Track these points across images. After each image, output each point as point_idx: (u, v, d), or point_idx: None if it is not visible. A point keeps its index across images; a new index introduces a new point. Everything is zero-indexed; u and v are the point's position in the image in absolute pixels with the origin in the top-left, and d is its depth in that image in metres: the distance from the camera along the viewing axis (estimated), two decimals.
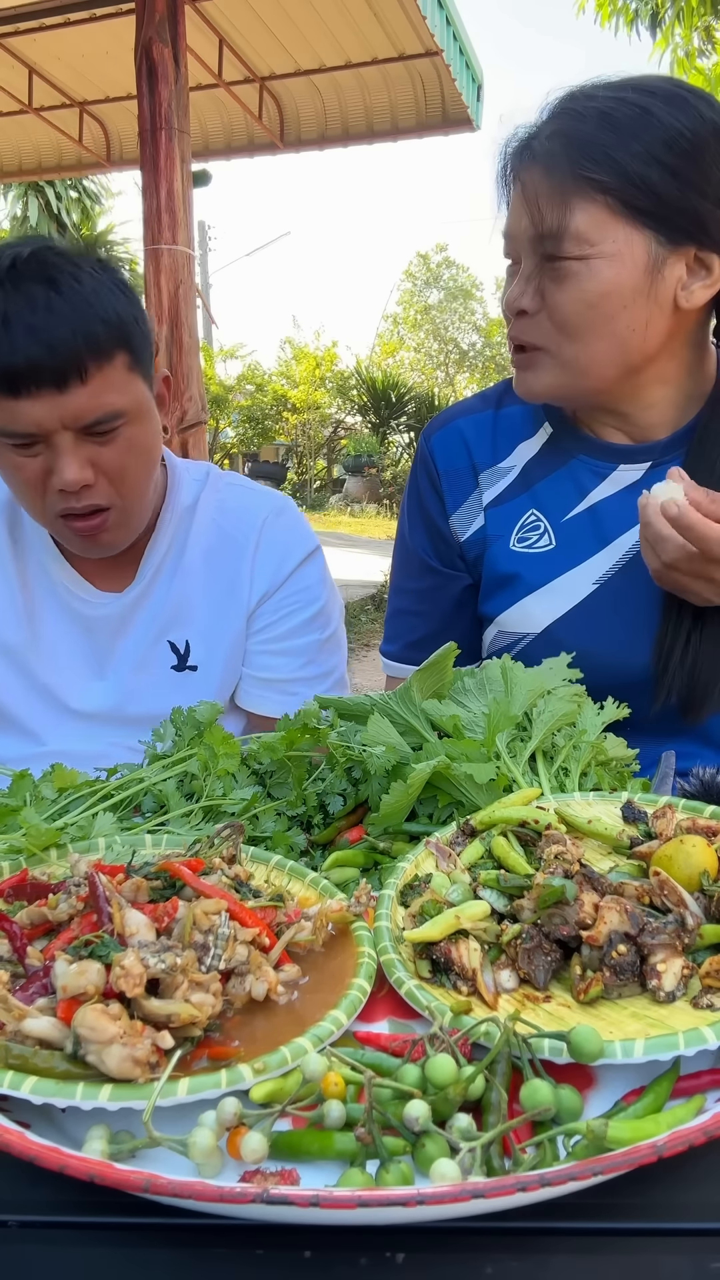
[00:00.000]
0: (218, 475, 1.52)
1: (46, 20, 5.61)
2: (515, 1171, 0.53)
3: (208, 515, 1.46)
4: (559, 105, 1.19)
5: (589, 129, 1.13)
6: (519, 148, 1.20)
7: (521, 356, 1.24)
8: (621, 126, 1.12)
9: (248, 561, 1.44)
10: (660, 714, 1.18)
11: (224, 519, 1.47)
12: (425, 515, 1.43)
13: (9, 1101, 0.60)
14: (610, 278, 1.14)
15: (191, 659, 1.44)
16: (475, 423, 1.41)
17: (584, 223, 1.13)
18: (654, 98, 1.14)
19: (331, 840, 0.96)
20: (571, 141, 1.13)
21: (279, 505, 1.50)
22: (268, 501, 1.50)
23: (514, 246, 1.22)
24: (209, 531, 1.45)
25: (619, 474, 1.30)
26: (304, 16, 5.55)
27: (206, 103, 6.40)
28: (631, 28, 7.51)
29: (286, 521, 1.49)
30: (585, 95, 1.17)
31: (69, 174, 8.23)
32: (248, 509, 1.48)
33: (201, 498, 1.47)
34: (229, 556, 1.45)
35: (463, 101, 5.99)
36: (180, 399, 4.66)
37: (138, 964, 0.60)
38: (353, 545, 13.04)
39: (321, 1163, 0.57)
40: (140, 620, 1.43)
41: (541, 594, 1.31)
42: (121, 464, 1.24)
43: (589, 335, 1.17)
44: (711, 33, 7.29)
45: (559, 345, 1.19)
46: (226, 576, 1.44)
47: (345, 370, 22.69)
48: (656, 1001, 0.65)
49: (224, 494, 1.49)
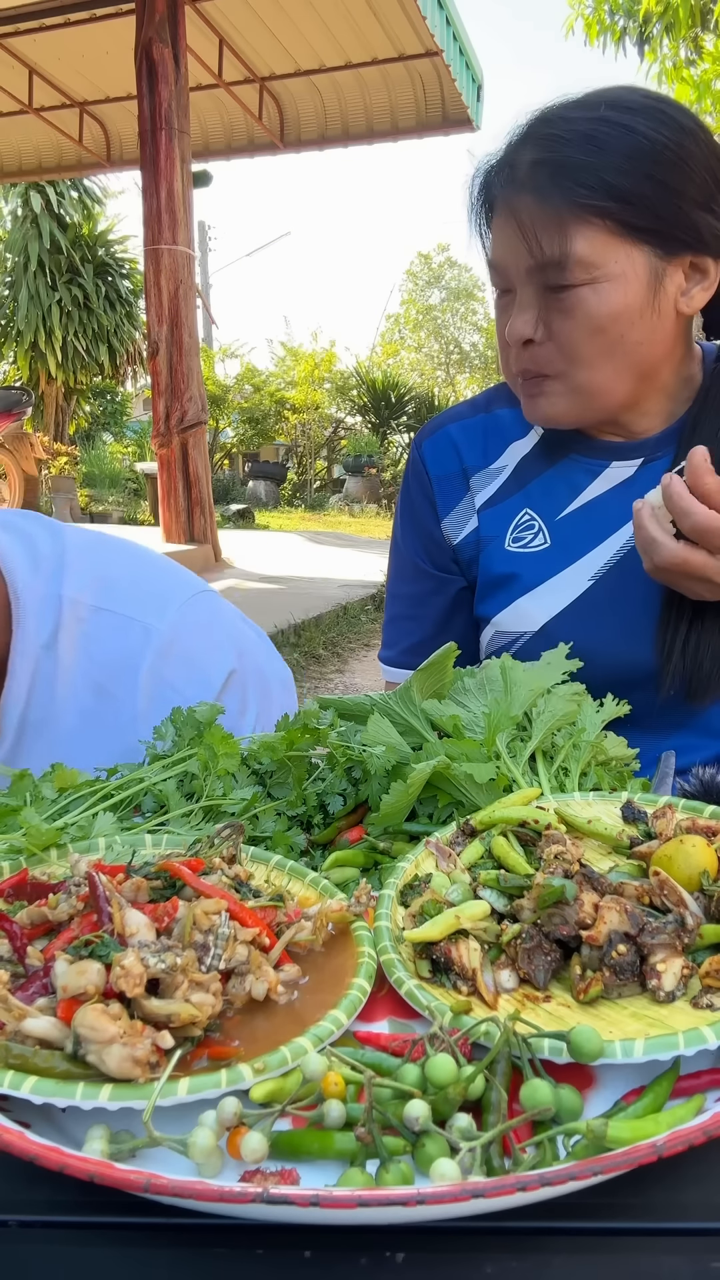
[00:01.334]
0: (73, 596, 1.12)
1: (46, 20, 5.62)
2: (515, 1171, 0.53)
3: (72, 659, 1.12)
4: (532, 130, 1.17)
5: (576, 153, 1.12)
6: (501, 177, 1.18)
7: (531, 384, 1.23)
8: (609, 147, 1.12)
9: (138, 731, 1.08)
10: (661, 706, 1.19)
11: (94, 668, 1.12)
12: (417, 521, 1.44)
13: (9, 1101, 0.60)
14: (618, 299, 1.14)
15: None
16: (465, 427, 1.42)
17: (585, 248, 1.12)
18: (634, 114, 1.13)
19: (331, 840, 0.96)
20: (561, 168, 1.12)
21: (161, 637, 1.13)
22: (144, 633, 1.12)
23: (506, 276, 1.21)
24: (80, 684, 1.12)
25: (612, 470, 1.31)
26: (304, 17, 5.56)
27: (206, 103, 6.42)
28: (619, 46, 7.55)
29: (176, 660, 1.14)
30: (560, 118, 1.16)
31: (69, 174, 8.24)
32: (120, 648, 1.12)
33: (60, 635, 1.12)
34: (109, 721, 1.12)
35: (463, 102, 6.00)
36: (180, 399, 4.66)
37: (138, 964, 0.60)
38: (353, 545, 13.04)
39: (321, 1163, 0.57)
40: None
41: (538, 593, 1.31)
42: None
43: (601, 359, 1.17)
44: (700, 42, 7.32)
45: (570, 372, 1.19)
46: (114, 748, 1.07)
47: (345, 370, 22.69)
48: (656, 1001, 0.65)
49: (89, 626, 1.12)
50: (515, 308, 1.20)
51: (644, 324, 1.17)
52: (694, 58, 7.39)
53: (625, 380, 1.20)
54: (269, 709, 1.22)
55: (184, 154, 4.68)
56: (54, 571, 1.13)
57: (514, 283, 1.20)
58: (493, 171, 1.21)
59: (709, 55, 7.28)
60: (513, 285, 1.21)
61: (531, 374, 1.22)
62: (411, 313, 31.81)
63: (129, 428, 22.45)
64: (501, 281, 1.22)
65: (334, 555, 11.43)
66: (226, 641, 1.19)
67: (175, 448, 4.74)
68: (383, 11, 5.45)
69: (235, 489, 19.13)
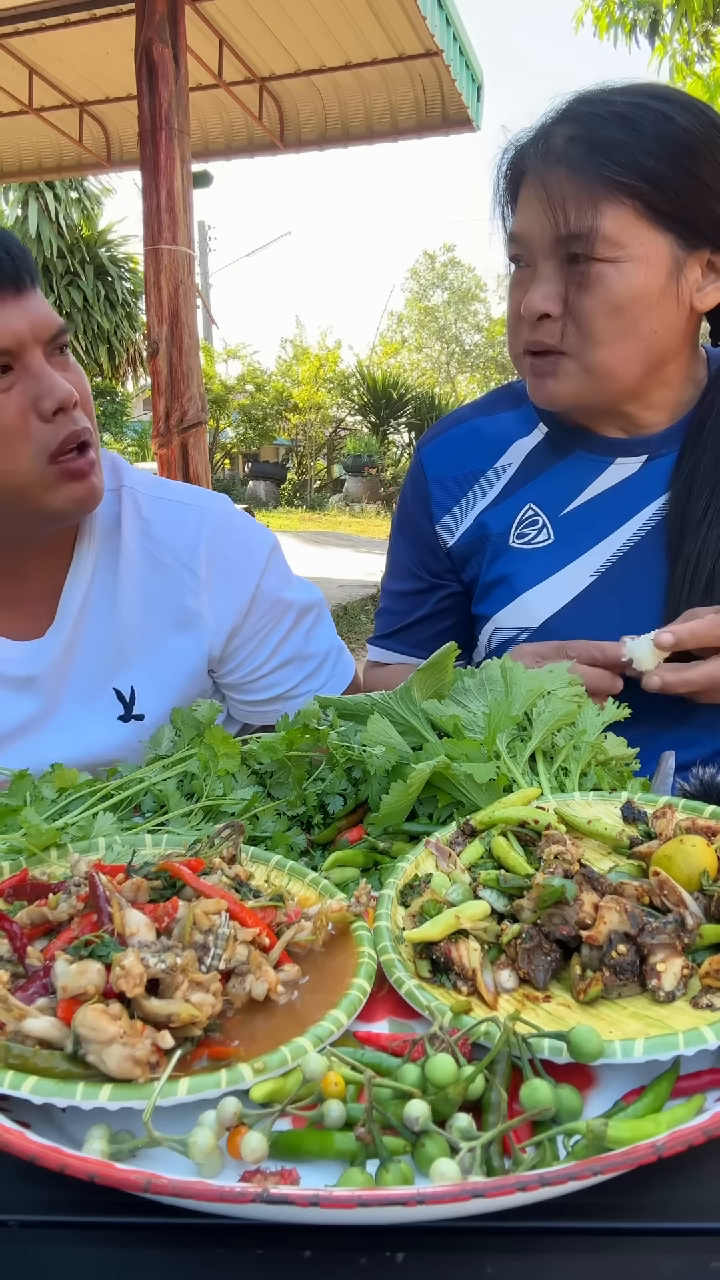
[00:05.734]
0: (132, 485, 1.29)
1: (46, 20, 5.61)
2: (515, 1171, 0.53)
3: (134, 541, 1.25)
4: (571, 107, 1.19)
5: (613, 132, 1.14)
6: (535, 149, 1.19)
7: (541, 362, 1.23)
8: (645, 131, 1.14)
9: (199, 596, 1.25)
10: (661, 701, 1.19)
11: (154, 545, 1.26)
12: (410, 525, 1.47)
13: (9, 1101, 0.60)
14: (639, 281, 1.15)
15: (138, 707, 1.25)
16: (468, 430, 1.43)
17: (612, 226, 1.14)
18: (671, 104, 1.17)
19: (331, 840, 0.96)
20: (596, 144, 1.14)
21: (215, 518, 1.28)
22: (200, 517, 1.28)
23: (527, 249, 1.21)
24: (140, 561, 1.25)
25: (616, 467, 1.32)
26: (304, 17, 5.55)
27: (206, 103, 6.41)
28: (630, 37, 7.52)
29: (228, 537, 1.28)
30: (600, 99, 1.18)
31: (69, 174, 8.23)
32: (179, 528, 1.26)
33: (124, 517, 1.26)
34: (171, 591, 1.25)
35: (462, 102, 5.99)
36: (180, 399, 4.66)
37: (138, 964, 0.60)
38: (353, 545, 13.04)
39: (321, 1162, 0.57)
40: (77, 666, 1.24)
41: (540, 588, 1.32)
42: (85, 390, 1.13)
43: (615, 339, 1.18)
44: (710, 38, 7.29)
45: (583, 350, 1.19)
46: (172, 613, 1.26)
47: (346, 370, 22.70)
48: (656, 1001, 0.65)
49: (147, 513, 1.27)
50: (534, 282, 1.20)
51: (660, 312, 1.18)
52: (704, 53, 7.36)
53: (636, 366, 1.21)
54: (301, 582, 1.40)
55: (184, 154, 4.67)
56: (113, 470, 1.28)
57: (535, 256, 1.20)
58: (526, 146, 1.22)
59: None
60: (532, 259, 1.21)
61: (543, 351, 1.21)
62: (414, 312, 31.82)
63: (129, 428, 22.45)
64: (522, 254, 1.22)
65: (334, 555, 11.43)
66: (259, 530, 1.35)
67: (175, 448, 4.74)
68: (383, 11, 5.43)
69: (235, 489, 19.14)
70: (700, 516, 1.23)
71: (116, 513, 1.26)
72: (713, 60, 7.38)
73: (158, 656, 1.26)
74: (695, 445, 1.27)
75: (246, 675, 1.33)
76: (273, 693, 1.36)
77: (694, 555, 1.23)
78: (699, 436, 1.27)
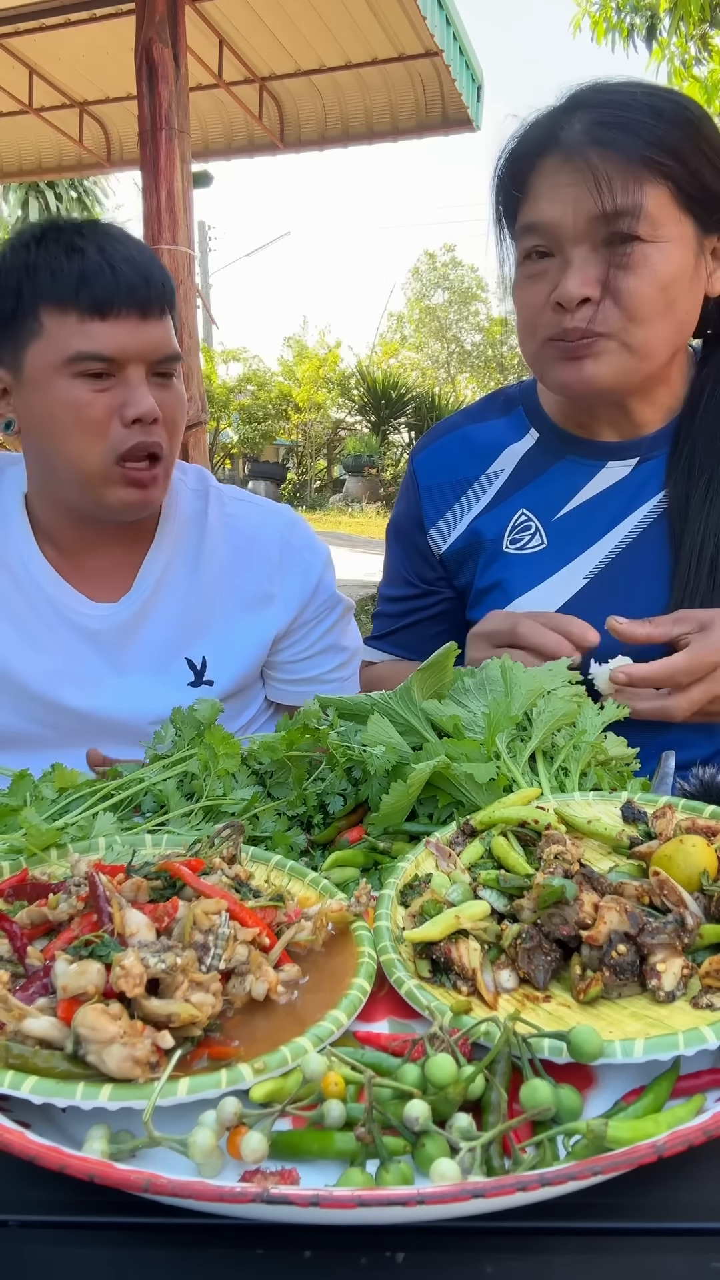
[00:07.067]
0: (218, 489, 1.50)
1: (46, 20, 5.61)
2: (515, 1171, 0.53)
3: (219, 532, 1.45)
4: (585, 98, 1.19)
5: (639, 116, 1.15)
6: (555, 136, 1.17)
7: (578, 347, 1.20)
8: (670, 119, 1.15)
9: (274, 581, 1.45)
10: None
11: (237, 537, 1.46)
12: (403, 532, 1.49)
13: (9, 1101, 0.60)
14: (677, 261, 1.17)
15: (208, 674, 1.43)
16: (459, 437, 1.44)
17: (653, 205, 1.15)
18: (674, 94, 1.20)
19: (331, 840, 0.96)
20: (629, 126, 1.14)
21: (289, 519, 1.51)
22: (278, 517, 1.50)
23: (552, 236, 1.18)
24: (224, 547, 1.44)
25: (608, 470, 1.33)
26: (304, 17, 5.55)
27: (206, 103, 6.40)
28: (628, 42, 7.51)
29: (301, 536, 1.50)
30: (617, 89, 1.19)
31: (69, 174, 8.23)
32: (261, 525, 1.47)
33: (209, 511, 1.46)
34: (250, 575, 1.44)
35: (463, 102, 5.98)
36: None
37: (138, 964, 0.60)
38: (353, 545, 13.03)
39: (321, 1163, 0.57)
40: (148, 632, 1.40)
41: (534, 593, 1.32)
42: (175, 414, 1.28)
43: (658, 319, 1.18)
44: (707, 41, 7.28)
45: (627, 331, 1.18)
46: (248, 595, 1.44)
47: (346, 370, 22.69)
48: (656, 1001, 0.65)
49: (231, 509, 1.48)
50: (569, 268, 1.17)
51: (691, 294, 1.20)
52: (702, 56, 7.35)
53: (669, 346, 1.22)
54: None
55: (184, 154, 4.66)
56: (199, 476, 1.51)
57: (564, 242, 1.17)
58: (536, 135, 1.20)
59: (718, 54, 7.25)
60: (559, 247, 1.18)
61: (582, 335, 1.19)
62: (414, 312, 31.82)
63: None
64: (546, 244, 1.19)
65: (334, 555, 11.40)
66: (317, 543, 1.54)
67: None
68: (383, 11, 5.43)
69: None
70: (700, 501, 1.24)
71: (202, 509, 1.45)
72: (710, 63, 7.38)
73: (231, 631, 1.43)
74: (690, 432, 1.28)
75: (294, 655, 1.50)
76: (309, 674, 1.52)
77: (698, 539, 1.23)
78: (692, 423, 1.28)
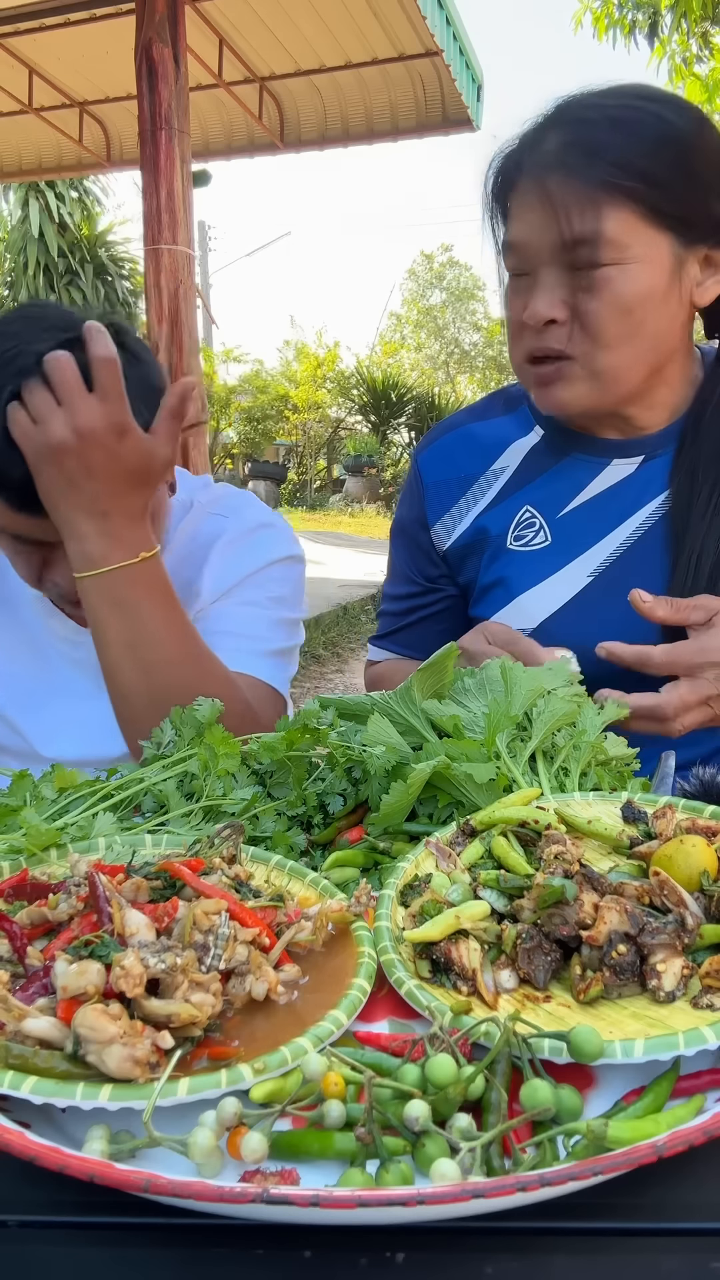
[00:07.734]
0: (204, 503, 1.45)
1: (46, 20, 5.61)
2: (515, 1171, 0.53)
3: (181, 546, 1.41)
4: (561, 113, 1.19)
5: (608, 135, 1.14)
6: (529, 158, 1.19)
7: (547, 370, 1.22)
8: (639, 133, 1.14)
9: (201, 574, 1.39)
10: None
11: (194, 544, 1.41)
12: (406, 531, 1.49)
13: (9, 1101, 0.60)
14: (645, 282, 1.16)
15: None
16: (462, 435, 1.44)
17: (615, 228, 1.14)
18: (659, 104, 1.17)
19: (331, 840, 0.96)
20: (594, 148, 1.14)
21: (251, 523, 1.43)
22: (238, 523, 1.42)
23: (526, 257, 1.20)
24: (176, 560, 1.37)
25: (613, 468, 1.32)
26: (304, 16, 5.56)
27: (206, 103, 6.40)
28: (629, 38, 7.51)
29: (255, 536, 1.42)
30: (591, 104, 1.18)
31: (69, 174, 8.23)
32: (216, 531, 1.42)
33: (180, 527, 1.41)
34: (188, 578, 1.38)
35: (463, 101, 5.99)
36: None
37: (138, 964, 0.60)
38: (353, 545, 13.03)
39: (321, 1163, 0.57)
40: None
41: (537, 590, 1.32)
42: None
43: (623, 343, 1.18)
44: (709, 38, 7.29)
45: (591, 353, 1.19)
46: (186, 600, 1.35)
47: (346, 370, 22.69)
48: (656, 1001, 0.65)
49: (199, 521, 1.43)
50: (537, 288, 1.19)
51: (665, 312, 1.18)
52: (703, 53, 7.35)
53: (641, 368, 1.21)
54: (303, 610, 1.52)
55: (184, 154, 4.67)
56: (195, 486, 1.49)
57: (534, 264, 1.19)
58: (516, 153, 1.21)
59: (719, 51, 7.26)
60: (531, 267, 1.20)
61: (549, 357, 1.21)
62: (413, 313, 31.81)
63: None
64: (520, 264, 1.22)
65: (334, 555, 11.42)
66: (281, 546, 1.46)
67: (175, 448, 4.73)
68: (383, 11, 5.43)
69: None
70: (703, 508, 1.24)
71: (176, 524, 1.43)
72: (712, 60, 7.38)
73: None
74: (695, 437, 1.27)
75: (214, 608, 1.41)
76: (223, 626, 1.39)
77: (697, 546, 1.23)
78: (698, 428, 1.28)
